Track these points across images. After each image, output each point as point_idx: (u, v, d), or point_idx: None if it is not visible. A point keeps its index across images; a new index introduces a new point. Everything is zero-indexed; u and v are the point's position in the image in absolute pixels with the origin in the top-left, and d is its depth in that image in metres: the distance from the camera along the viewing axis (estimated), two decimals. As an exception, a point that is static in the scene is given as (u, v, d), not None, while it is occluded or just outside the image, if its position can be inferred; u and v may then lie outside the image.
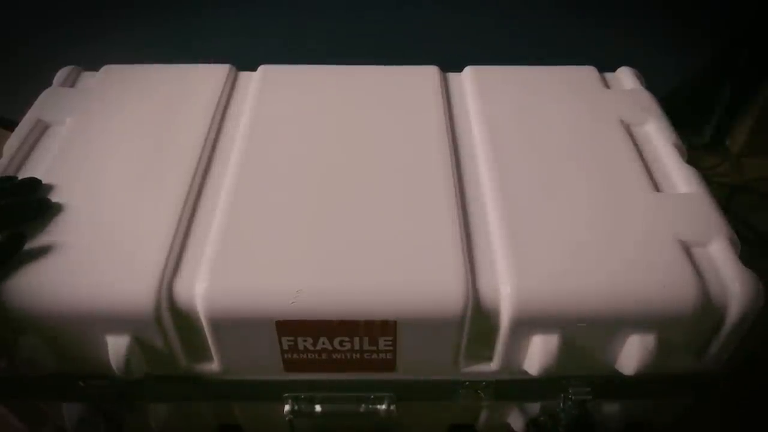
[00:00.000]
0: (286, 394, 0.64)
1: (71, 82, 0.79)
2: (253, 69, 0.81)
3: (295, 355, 0.59)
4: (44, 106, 0.74)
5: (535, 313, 0.55)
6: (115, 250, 0.57)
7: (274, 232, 0.59)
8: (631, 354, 0.57)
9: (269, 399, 0.63)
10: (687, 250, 0.58)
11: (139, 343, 0.57)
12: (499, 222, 0.60)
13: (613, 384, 0.62)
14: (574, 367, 0.60)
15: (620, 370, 0.60)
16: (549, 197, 0.63)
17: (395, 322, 0.55)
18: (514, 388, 0.63)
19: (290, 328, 0.56)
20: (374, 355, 0.59)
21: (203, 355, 0.60)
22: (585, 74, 0.80)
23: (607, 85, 0.79)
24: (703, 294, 0.55)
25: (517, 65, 0.81)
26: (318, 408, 0.64)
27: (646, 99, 0.76)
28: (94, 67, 0.81)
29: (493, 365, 0.60)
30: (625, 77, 0.80)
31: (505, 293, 0.55)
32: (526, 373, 0.60)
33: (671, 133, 0.71)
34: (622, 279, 0.56)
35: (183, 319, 0.57)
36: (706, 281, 0.56)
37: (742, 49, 0.90)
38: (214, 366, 0.61)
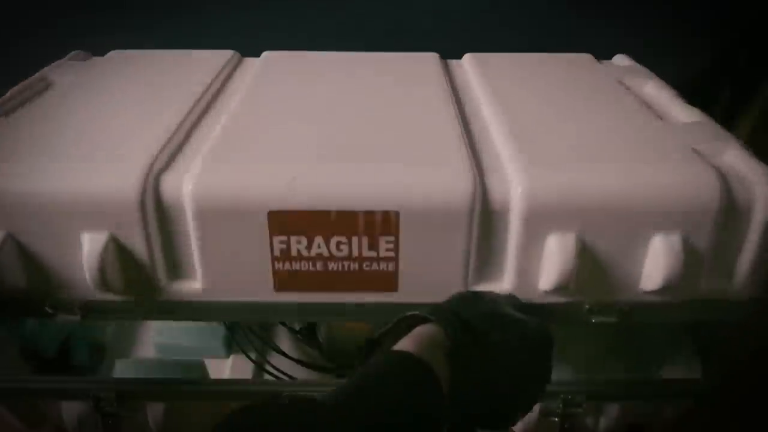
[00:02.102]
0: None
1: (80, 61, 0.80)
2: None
3: (287, 265, 0.53)
4: (51, 70, 0.75)
5: (546, 205, 0.51)
6: (108, 144, 0.55)
7: (274, 132, 0.57)
8: (657, 260, 0.52)
9: (256, 322, 0.56)
10: (703, 155, 0.56)
11: (116, 245, 0.52)
12: (502, 129, 0.59)
13: (610, 386, 0.62)
14: (595, 283, 0.54)
15: (646, 286, 0.54)
16: (555, 117, 0.62)
17: (398, 215, 0.51)
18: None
19: (283, 222, 0.51)
20: (375, 266, 0.53)
21: (186, 270, 0.55)
22: (582, 57, 0.82)
23: (604, 68, 0.81)
24: (726, 188, 0.52)
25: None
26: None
27: (645, 71, 0.77)
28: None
29: (506, 284, 0.55)
30: (622, 61, 0.82)
31: (515, 187, 0.52)
32: (542, 295, 0.54)
33: (671, 90, 0.71)
34: (641, 173, 0.53)
35: (168, 217, 0.52)
36: (728, 177, 0.53)
37: (742, 49, 0.92)
38: (196, 284, 0.55)
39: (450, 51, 0.84)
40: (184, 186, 0.52)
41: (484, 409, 0.48)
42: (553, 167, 0.53)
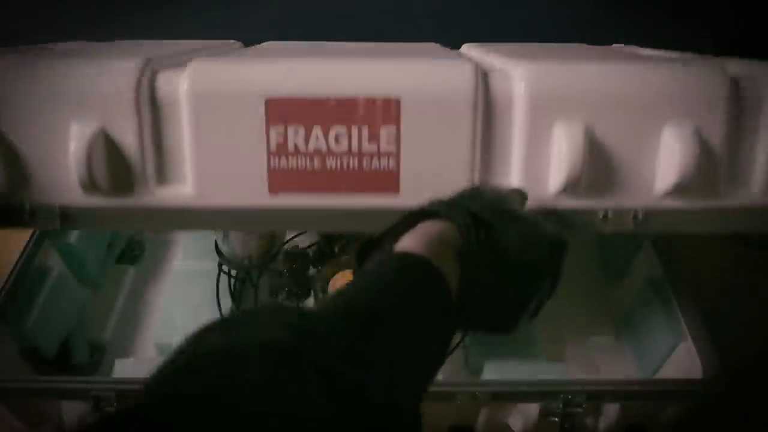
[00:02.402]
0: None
1: (84, 47, 0.82)
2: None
3: (283, 162, 0.51)
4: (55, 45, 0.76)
5: (550, 91, 0.50)
6: (107, 50, 0.54)
7: (276, 50, 0.57)
8: (670, 154, 0.50)
9: (249, 230, 0.53)
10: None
11: (106, 138, 0.50)
12: (501, 51, 0.58)
13: (610, 386, 0.62)
14: (608, 185, 0.51)
15: (662, 186, 0.51)
16: (555, 55, 0.62)
17: (399, 102, 0.50)
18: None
19: (281, 109, 0.50)
20: (375, 162, 0.51)
21: (177, 173, 0.52)
22: (579, 45, 0.84)
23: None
24: (733, 79, 0.51)
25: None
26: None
27: (642, 49, 0.78)
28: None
29: (513, 179, 0.52)
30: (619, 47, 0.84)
31: (517, 78, 0.51)
32: (553, 197, 0.51)
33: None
34: (645, 64, 0.52)
35: (162, 114, 0.51)
36: (736, 75, 0.52)
37: (741, 51, 0.93)
38: (187, 188, 0.52)
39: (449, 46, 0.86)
40: (181, 83, 0.50)
41: (493, 313, 0.44)
42: (556, 62, 0.52)
